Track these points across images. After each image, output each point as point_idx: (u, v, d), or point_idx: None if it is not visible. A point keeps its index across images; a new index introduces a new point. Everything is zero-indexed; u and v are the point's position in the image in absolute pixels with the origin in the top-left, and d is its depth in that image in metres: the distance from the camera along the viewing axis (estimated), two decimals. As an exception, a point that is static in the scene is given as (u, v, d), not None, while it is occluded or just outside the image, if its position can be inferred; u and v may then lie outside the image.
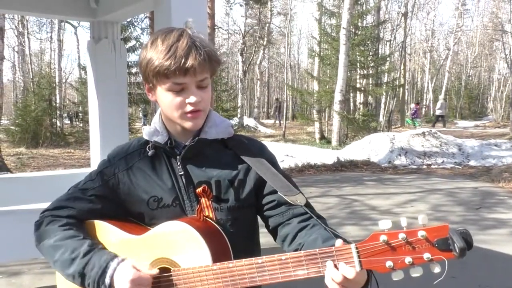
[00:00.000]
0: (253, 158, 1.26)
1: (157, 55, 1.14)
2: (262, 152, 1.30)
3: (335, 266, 0.99)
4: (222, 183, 1.23)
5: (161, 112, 1.27)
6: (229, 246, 1.15)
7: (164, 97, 1.18)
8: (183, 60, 1.12)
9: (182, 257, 1.13)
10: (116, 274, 1.12)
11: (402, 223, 0.96)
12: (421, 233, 0.93)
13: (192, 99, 1.16)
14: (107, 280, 1.13)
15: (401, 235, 0.94)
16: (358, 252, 0.98)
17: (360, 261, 0.97)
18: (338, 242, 1.02)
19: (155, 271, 1.14)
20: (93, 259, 1.15)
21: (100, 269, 1.13)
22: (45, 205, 1.32)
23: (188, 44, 1.13)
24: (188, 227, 1.13)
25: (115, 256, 1.16)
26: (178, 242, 1.14)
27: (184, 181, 1.23)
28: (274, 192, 1.24)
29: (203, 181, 1.22)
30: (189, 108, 1.17)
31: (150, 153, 1.25)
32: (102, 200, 1.26)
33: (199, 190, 1.19)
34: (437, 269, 0.93)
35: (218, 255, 1.11)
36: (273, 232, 1.27)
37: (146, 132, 1.26)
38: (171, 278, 1.14)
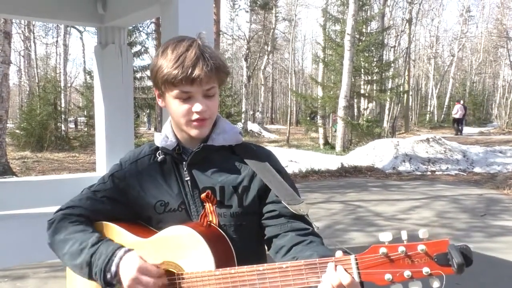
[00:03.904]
0: (259, 165, 1.27)
1: (166, 64, 1.17)
2: (269, 160, 1.30)
3: (335, 268, 1.00)
4: (226, 189, 1.24)
5: (171, 119, 1.30)
6: (233, 252, 1.17)
7: (172, 104, 1.22)
8: (190, 70, 1.14)
9: (186, 261, 1.15)
10: (122, 262, 1.15)
11: (402, 237, 0.96)
12: (420, 247, 0.93)
13: (197, 107, 1.19)
14: (113, 268, 1.15)
15: (401, 248, 0.94)
16: (357, 263, 0.98)
17: (359, 273, 0.98)
18: (338, 253, 1.02)
19: (161, 271, 1.16)
20: (100, 249, 1.18)
21: (107, 257, 1.16)
22: (50, 209, 1.34)
23: (197, 55, 1.16)
24: (193, 232, 1.14)
25: (122, 246, 1.19)
26: (183, 246, 1.16)
27: (190, 186, 1.26)
28: (276, 202, 1.25)
29: (207, 187, 1.24)
30: (195, 116, 1.20)
31: (159, 158, 1.29)
32: (112, 202, 1.30)
33: (203, 195, 1.21)
34: (436, 284, 0.93)
35: (222, 260, 1.13)
36: (268, 242, 1.28)
37: (156, 138, 1.30)
38: (174, 281, 1.16)
